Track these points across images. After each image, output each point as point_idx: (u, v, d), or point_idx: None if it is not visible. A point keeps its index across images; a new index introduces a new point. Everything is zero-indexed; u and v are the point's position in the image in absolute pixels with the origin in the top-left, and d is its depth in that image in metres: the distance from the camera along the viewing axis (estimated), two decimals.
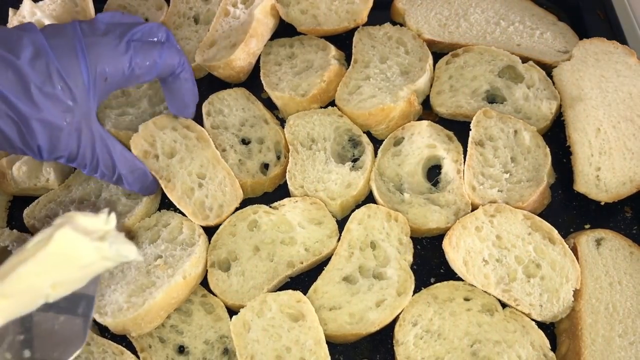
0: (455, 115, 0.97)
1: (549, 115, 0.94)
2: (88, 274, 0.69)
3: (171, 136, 0.90)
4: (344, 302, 0.79)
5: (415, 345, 0.76)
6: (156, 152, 0.88)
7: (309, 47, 1.04)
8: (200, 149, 0.89)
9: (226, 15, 1.03)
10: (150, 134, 0.89)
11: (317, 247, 0.85)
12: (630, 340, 0.75)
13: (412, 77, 0.97)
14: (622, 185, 0.86)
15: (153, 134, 0.89)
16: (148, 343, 0.79)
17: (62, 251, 0.64)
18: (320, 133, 0.95)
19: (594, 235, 0.83)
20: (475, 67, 0.99)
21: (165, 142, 0.89)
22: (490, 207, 0.83)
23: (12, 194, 0.96)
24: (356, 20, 1.03)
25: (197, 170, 0.88)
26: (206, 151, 0.89)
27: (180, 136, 0.90)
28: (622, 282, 0.79)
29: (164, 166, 0.87)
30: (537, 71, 0.97)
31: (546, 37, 1.03)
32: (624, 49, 0.95)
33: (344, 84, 0.98)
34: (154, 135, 0.89)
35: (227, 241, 0.86)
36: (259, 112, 0.99)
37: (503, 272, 0.79)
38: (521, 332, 0.76)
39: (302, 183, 0.90)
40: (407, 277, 0.80)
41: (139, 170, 0.83)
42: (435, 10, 1.08)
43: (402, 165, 0.92)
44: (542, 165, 0.88)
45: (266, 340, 0.75)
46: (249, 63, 1.02)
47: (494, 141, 0.91)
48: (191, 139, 0.90)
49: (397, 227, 0.85)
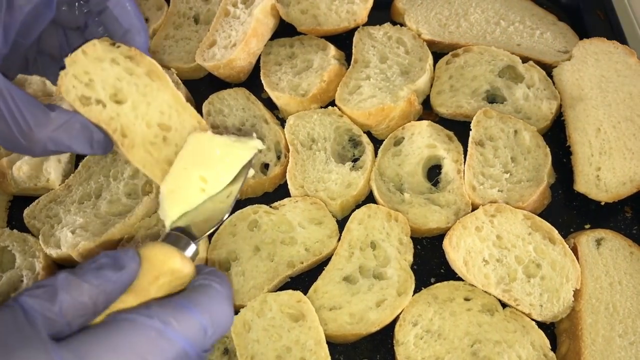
0: (456, 115, 0.97)
1: (549, 115, 0.94)
2: (232, 169, 0.70)
3: (112, 72, 0.66)
4: (344, 302, 0.79)
5: (415, 345, 0.76)
6: (98, 96, 0.65)
7: (309, 47, 1.04)
8: (155, 90, 0.67)
9: (226, 15, 1.03)
10: (84, 69, 0.65)
11: (317, 247, 0.85)
12: (631, 340, 0.75)
13: (412, 77, 0.97)
14: (622, 185, 0.86)
15: (87, 69, 0.65)
16: None
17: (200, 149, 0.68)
18: (321, 133, 0.95)
19: (594, 235, 0.83)
20: (476, 67, 0.99)
21: (106, 81, 0.66)
22: (491, 207, 0.83)
23: (12, 194, 0.96)
24: (356, 20, 1.03)
25: (158, 119, 0.68)
26: (164, 92, 0.68)
27: (126, 72, 0.67)
28: (622, 282, 0.79)
29: (113, 115, 0.65)
30: (537, 71, 0.97)
31: (546, 37, 1.03)
32: (624, 49, 0.95)
33: (344, 84, 0.98)
34: (89, 70, 0.65)
35: (227, 241, 0.86)
36: (259, 112, 0.99)
37: (503, 272, 0.79)
38: (521, 332, 0.76)
39: (302, 183, 0.90)
40: (407, 277, 0.80)
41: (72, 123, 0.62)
42: (435, 10, 1.08)
43: (402, 165, 0.92)
44: (542, 165, 0.88)
45: (266, 340, 0.75)
46: (249, 63, 1.02)
47: (494, 141, 0.91)
48: (140, 76, 0.67)
49: (397, 227, 0.85)
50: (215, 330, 0.55)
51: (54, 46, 0.72)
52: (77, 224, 0.86)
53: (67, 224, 0.86)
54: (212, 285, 0.57)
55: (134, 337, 0.49)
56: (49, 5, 0.64)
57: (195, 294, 0.56)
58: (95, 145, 0.65)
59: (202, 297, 0.55)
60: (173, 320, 0.51)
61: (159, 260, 0.56)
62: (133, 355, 0.48)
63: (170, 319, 0.51)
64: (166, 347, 0.50)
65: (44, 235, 0.86)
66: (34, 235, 0.88)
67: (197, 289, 0.57)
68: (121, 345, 0.48)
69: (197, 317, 0.53)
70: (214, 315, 0.55)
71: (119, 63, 0.66)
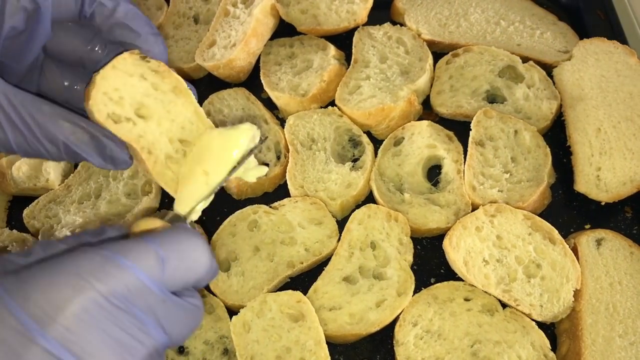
0: (456, 115, 0.97)
1: (549, 115, 0.94)
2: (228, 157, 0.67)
3: (141, 88, 0.63)
4: (344, 302, 0.79)
5: (415, 346, 0.76)
6: (127, 114, 0.62)
7: (309, 47, 1.04)
8: (179, 105, 0.66)
9: (226, 15, 1.03)
10: (114, 86, 0.61)
11: (317, 247, 0.85)
12: (631, 341, 0.75)
13: (412, 77, 0.97)
14: (622, 185, 0.86)
15: (117, 85, 0.62)
16: None
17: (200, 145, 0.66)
18: (320, 133, 0.94)
19: (595, 235, 0.83)
20: (476, 67, 0.99)
21: (134, 98, 0.63)
22: (491, 207, 0.83)
23: (12, 194, 0.96)
24: (356, 20, 1.02)
25: (180, 134, 0.66)
26: (187, 109, 0.66)
27: (152, 88, 0.64)
28: (623, 282, 0.79)
29: (141, 133, 0.63)
30: (537, 71, 0.97)
31: (546, 37, 1.03)
32: (625, 49, 0.95)
33: (344, 84, 0.98)
34: (119, 87, 0.62)
35: (227, 241, 0.86)
36: (259, 112, 0.99)
37: (503, 272, 0.79)
38: (521, 333, 0.76)
39: (302, 183, 0.90)
40: (407, 277, 0.80)
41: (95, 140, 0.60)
42: (435, 10, 1.07)
43: (402, 165, 0.92)
44: (542, 165, 0.88)
45: (266, 341, 0.75)
46: (249, 63, 1.02)
47: (494, 141, 0.91)
48: (165, 92, 0.65)
49: (397, 227, 0.84)
50: (178, 263, 0.50)
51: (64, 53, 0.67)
52: (76, 224, 0.86)
53: (67, 224, 0.86)
54: (182, 225, 0.53)
55: (76, 261, 0.45)
56: (38, 27, 0.58)
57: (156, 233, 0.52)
58: (108, 159, 0.62)
59: (163, 233, 0.51)
60: (119, 247, 0.47)
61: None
62: (76, 277, 0.44)
63: (116, 246, 0.47)
64: (114, 272, 0.45)
65: (44, 235, 0.86)
66: (33, 235, 0.88)
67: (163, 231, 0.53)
68: (60, 269, 0.45)
69: (151, 246, 0.48)
70: (176, 248, 0.50)
71: (146, 78, 0.63)
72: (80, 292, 0.43)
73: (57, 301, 0.43)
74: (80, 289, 0.43)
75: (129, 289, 0.46)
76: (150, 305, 0.47)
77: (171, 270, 0.49)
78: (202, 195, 0.66)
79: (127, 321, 0.45)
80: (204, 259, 0.53)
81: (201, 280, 0.53)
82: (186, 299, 0.52)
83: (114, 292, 0.45)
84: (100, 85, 0.60)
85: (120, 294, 0.45)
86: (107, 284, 0.44)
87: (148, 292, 0.47)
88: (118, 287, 0.45)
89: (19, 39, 0.58)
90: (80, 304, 0.43)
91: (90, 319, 0.43)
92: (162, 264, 0.48)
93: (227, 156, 0.67)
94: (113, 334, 0.44)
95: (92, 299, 0.44)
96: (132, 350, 0.46)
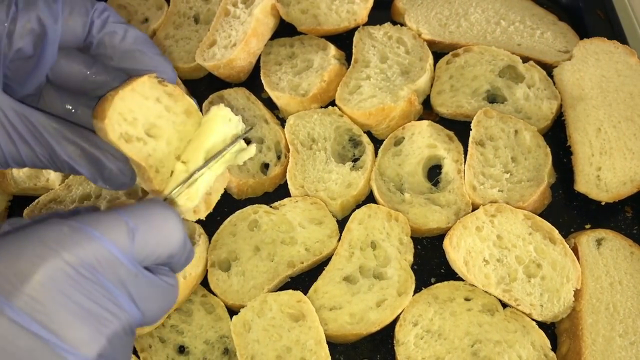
0: (456, 115, 0.97)
1: (549, 115, 0.94)
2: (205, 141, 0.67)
3: (155, 110, 0.65)
4: (344, 302, 0.79)
5: (415, 345, 0.76)
6: (139, 134, 0.63)
7: (309, 46, 1.04)
8: (189, 126, 0.67)
9: (226, 15, 1.03)
10: (129, 107, 0.63)
11: (317, 247, 0.85)
12: (631, 340, 0.75)
13: (412, 77, 0.97)
14: (622, 185, 0.86)
15: (132, 107, 0.63)
16: (148, 343, 0.79)
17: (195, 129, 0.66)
18: (321, 133, 0.94)
19: (595, 235, 0.83)
20: (476, 67, 0.99)
21: (147, 119, 0.64)
22: (491, 207, 0.83)
23: (12, 193, 0.96)
24: (356, 20, 1.02)
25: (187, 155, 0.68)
26: (196, 128, 0.69)
27: (165, 110, 0.66)
28: (623, 282, 0.79)
29: (151, 152, 0.64)
30: (537, 71, 0.97)
31: (547, 37, 1.03)
32: (625, 49, 0.95)
33: (344, 84, 0.98)
34: (134, 109, 0.63)
35: (227, 241, 0.86)
36: (259, 112, 0.99)
37: (504, 272, 0.79)
38: (522, 332, 0.76)
39: (302, 183, 0.90)
40: (407, 277, 0.80)
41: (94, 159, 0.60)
42: (435, 10, 1.07)
43: (402, 165, 0.92)
44: (542, 165, 0.88)
45: (266, 340, 0.75)
46: (249, 63, 1.02)
47: (494, 141, 0.91)
48: (178, 113, 0.67)
49: (397, 227, 0.84)
50: (149, 235, 0.48)
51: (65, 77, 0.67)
52: None
53: None
54: (155, 199, 0.52)
55: (42, 231, 0.44)
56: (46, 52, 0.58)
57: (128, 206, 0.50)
58: (107, 181, 0.62)
59: (135, 205, 0.50)
60: (89, 218, 0.46)
61: None
62: (40, 245, 0.43)
63: (85, 217, 0.46)
64: (82, 241, 0.44)
65: None
66: None
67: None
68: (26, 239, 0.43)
69: (121, 217, 0.47)
70: (147, 220, 0.49)
71: (161, 101, 0.65)
72: (45, 261, 0.42)
73: (22, 270, 0.42)
74: (46, 257, 0.42)
75: (98, 259, 0.44)
76: (121, 278, 0.46)
77: (142, 242, 0.48)
78: (180, 180, 0.64)
79: (97, 292, 0.44)
80: (176, 233, 0.51)
81: (174, 256, 0.52)
82: (160, 276, 0.51)
83: (82, 261, 0.44)
84: (117, 105, 0.61)
85: (88, 264, 0.44)
86: (74, 253, 0.43)
87: (118, 264, 0.46)
88: (86, 257, 0.44)
89: (26, 63, 0.59)
90: (46, 273, 0.42)
91: (57, 288, 0.42)
92: (132, 235, 0.47)
93: (204, 141, 0.66)
94: (83, 304, 0.43)
95: (59, 267, 0.42)
96: (105, 322, 0.45)
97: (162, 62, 0.66)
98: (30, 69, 0.59)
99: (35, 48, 0.58)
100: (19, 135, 0.56)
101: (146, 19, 1.11)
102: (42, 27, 0.57)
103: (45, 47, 0.58)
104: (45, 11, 0.56)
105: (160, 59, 0.66)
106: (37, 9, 0.56)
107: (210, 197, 0.69)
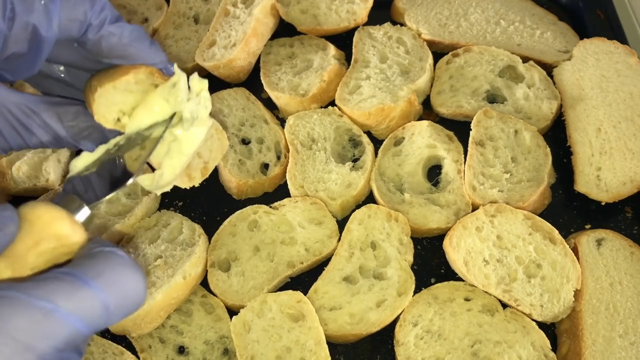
0: (456, 115, 0.97)
1: (549, 115, 0.94)
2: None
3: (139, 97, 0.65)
4: (344, 302, 0.79)
5: (415, 346, 0.76)
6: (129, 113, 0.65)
7: (309, 46, 1.04)
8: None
9: (226, 15, 1.03)
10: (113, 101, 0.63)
11: (317, 247, 0.84)
12: (631, 341, 0.75)
13: (412, 77, 0.97)
14: (622, 185, 0.86)
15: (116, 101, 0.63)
16: (148, 343, 0.79)
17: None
18: (321, 133, 0.94)
19: (595, 235, 0.83)
20: (476, 67, 0.99)
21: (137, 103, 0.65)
22: (491, 207, 0.83)
23: (12, 193, 0.95)
24: (356, 20, 1.02)
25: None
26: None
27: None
28: (623, 283, 0.79)
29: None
30: (537, 71, 0.97)
31: (546, 37, 1.03)
32: (625, 49, 0.95)
33: (344, 84, 0.98)
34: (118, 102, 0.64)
35: (227, 241, 0.86)
36: (259, 112, 0.98)
37: (504, 273, 0.79)
38: (522, 333, 0.76)
39: (302, 183, 0.90)
40: (407, 277, 0.80)
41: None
42: (435, 10, 1.07)
43: (402, 165, 0.92)
44: (542, 165, 0.88)
45: (266, 341, 0.75)
46: (249, 63, 1.02)
47: (494, 141, 0.91)
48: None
49: (397, 227, 0.84)
50: (121, 304, 0.46)
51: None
52: None
53: None
54: (114, 252, 0.47)
55: (14, 321, 0.40)
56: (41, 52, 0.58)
57: (91, 262, 0.46)
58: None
59: (100, 265, 0.46)
60: (63, 296, 0.42)
61: (42, 222, 0.47)
62: (14, 342, 0.40)
63: (59, 295, 0.42)
64: (55, 329, 0.41)
65: None
66: None
67: (93, 256, 0.47)
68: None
69: (94, 291, 0.44)
70: (117, 287, 0.46)
71: (148, 92, 0.64)
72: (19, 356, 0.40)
73: None
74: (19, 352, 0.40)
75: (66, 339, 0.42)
76: (77, 346, 0.44)
77: (114, 313, 0.46)
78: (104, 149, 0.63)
79: None
80: (141, 287, 0.49)
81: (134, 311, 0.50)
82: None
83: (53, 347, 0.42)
84: (99, 102, 0.61)
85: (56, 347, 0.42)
86: (45, 344, 0.41)
87: (80, 335, 0.44)
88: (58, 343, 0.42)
89: (20, 59, 0.58)
90: None
91: None
92: (105, 309, 0.45)
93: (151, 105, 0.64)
94: None
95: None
96: None
97: (153, 54, 0.64)
98: (23, 64, 0.59)
99: (30, 49, 0.57)
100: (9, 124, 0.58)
101: (146, 19, 1.11)
102: (38, 33, 0.56)
103: (40, 48, 0.58)
104: (42, 16, 0.55)
105: (150, 51, 0.64)
106: (33, 14, 0.55)
107: (207, 165, 0.68)
